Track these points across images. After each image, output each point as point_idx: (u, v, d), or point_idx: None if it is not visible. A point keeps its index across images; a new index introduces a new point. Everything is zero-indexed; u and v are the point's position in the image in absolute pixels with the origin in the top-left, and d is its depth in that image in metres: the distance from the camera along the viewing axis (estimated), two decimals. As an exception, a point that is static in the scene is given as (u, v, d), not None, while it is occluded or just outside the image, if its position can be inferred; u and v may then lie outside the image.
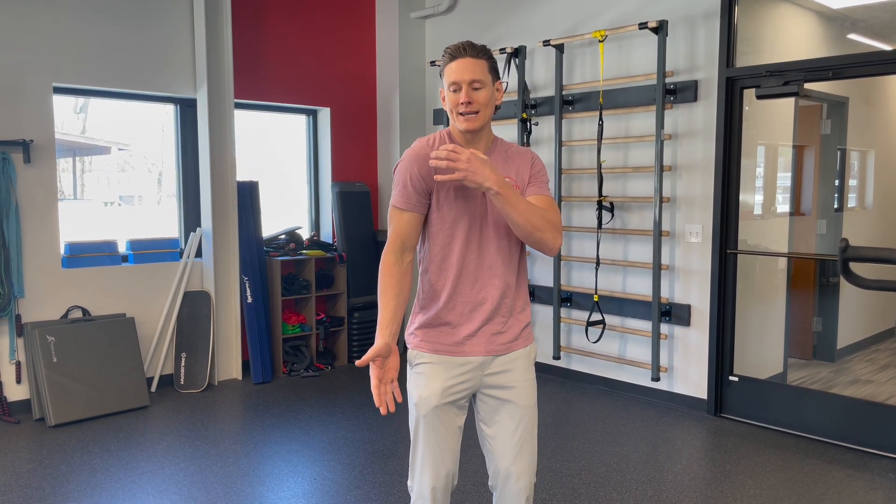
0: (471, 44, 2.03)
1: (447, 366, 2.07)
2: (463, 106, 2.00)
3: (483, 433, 2.15)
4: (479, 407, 2.16)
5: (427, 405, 2.06)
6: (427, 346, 2.09)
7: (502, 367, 2.11)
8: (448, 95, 2.03)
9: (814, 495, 3.36)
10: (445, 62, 2.03)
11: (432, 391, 2.06)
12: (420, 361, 2.09)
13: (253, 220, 5.33)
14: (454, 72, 2.00)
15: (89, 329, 4.53)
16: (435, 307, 2.08)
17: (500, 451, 2.12)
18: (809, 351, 5.57)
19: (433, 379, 2.06)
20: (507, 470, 2.11)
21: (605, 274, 5.00)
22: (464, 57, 2.01)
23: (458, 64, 2.01)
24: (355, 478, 3.55)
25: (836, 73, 3.97)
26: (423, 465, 2.09)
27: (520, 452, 2.11)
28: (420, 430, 2.09)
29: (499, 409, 2.11)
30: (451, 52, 2.02)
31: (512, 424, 2.10)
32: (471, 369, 2.08)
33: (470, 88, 1.99)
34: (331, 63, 5.92)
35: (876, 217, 5.86)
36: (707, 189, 4.48)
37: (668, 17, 4.56)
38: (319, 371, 5.53)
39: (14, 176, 4.35)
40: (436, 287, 2.08)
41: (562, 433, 4.18)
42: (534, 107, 5.33)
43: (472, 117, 2.01)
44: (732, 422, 4.39)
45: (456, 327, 2.07)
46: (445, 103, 2.07)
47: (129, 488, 3.41)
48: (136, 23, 4.84)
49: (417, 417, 2.09)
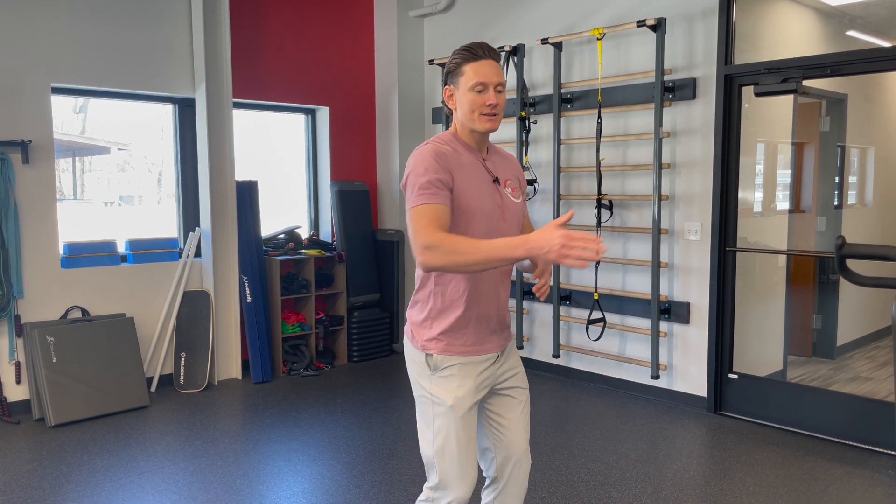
0: (490, 46, 2.03)
1: (474, 365, 2.07)
2: (490, 108, 2.00)
3: (496, 425, 2.18)
4: (493, 401, 2.18)
5: (464, 406, 2.05)
6: (454, 349, 2.06)
7: (506, 358, 2.19)
8: (468, 96, 2.00)
9: (813, 492, 3.36)
10: (465, 60, 2.01)
11: (467, 390, 2.05)
12: (448, 364, 2.05)
13: (252, 220, 5.33)
14: (480, 73, 1.99)
15: (89, 329, 4.53)
16: (456, 310, 2.05)
17: (513, 437, 2.18)
18: (809, 348, 5.57)
19: (465, 379, 2.06)
20: (520, 454, 2.19)
21: (605, 272, 5.00)
22: (488, 58, 2.01)
23: (483, 65, 2.00)
24: (355, 477, 3.55)
25: (835, 70, 3.97)
26: (463, 468, 2.05)
27: (526, 433, 2.22)
28: (453, 433, 2.03)
29: (511, 397, 2.19)
30: (474, 51, 2.01)
31: (520, 408, 2.20)
32: (490, 365, 2.12)
33: (495, 91, 2.00)
34: (329, 62, 5.92)
35: (876, 214, 5.85)
36: (706, 187, 4.47)
37: (666, 15, 4.55)
38: (319, 370, 5.53)
39: (13, 176, 4.36)
40: (456, 291, 2.05)
41: (561, 431, 4.18)
42: (532, 105, 5.33)
43: (494, 118, 2.03)
44: (732, 419, 4.39)
45: (479, 326, 2.08)
46: (456, 102, 2.04)
47: (129, 488, 3.41)
48: (134, 22, 4.84)
49: (451, 420, 2.04)
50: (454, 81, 2.05)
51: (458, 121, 2.08)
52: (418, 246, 1.86)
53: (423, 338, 2.08)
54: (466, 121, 2.04)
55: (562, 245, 1.67)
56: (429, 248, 1.84)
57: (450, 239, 1.84)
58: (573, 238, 1.67)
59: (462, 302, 2.05)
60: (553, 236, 1.68)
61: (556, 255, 1.67)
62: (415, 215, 1.91)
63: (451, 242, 1.83)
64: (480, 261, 1.79)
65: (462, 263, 1.82)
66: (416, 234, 1.88)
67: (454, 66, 2.04)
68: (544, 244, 1.69)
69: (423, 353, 2.08)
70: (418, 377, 2.11)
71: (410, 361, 2.14)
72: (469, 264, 1.81)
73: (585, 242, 1.66)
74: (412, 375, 2.14)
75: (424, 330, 2.09)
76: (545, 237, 1.70)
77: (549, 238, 1.69)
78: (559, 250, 1.67)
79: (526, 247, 1.73)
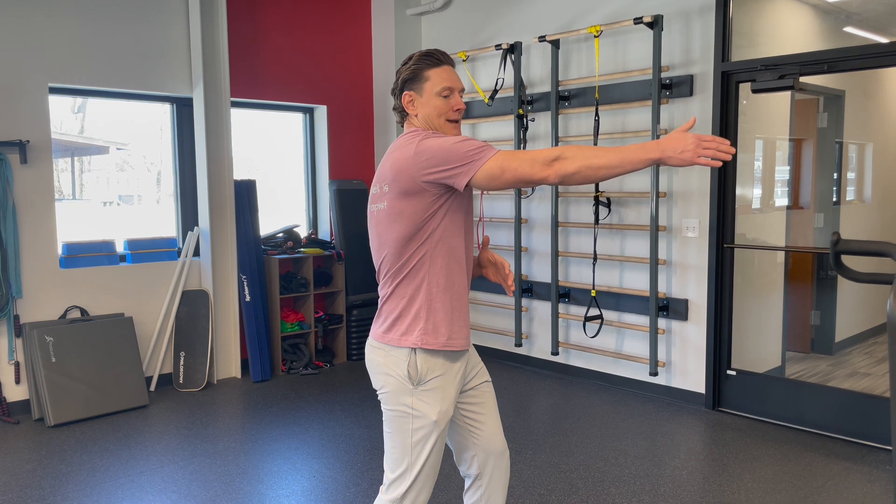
0: (446, 53, 2.07)
1: (451, 373, 2.06)
2: (457, 113, 2.02)
3: (472, 423, 2.17)
4: (465, 400, 2.17)
5: (447, 418, 2.05)
6: (436, 357, 2.02)
7: (470, 355, 2.19)
8: (435, 101, 2.01)
9: (811, 488, 3.36)
10: (428, 66, 2.02)
11: (449, 402, 2.05)
12: (431, 377, 2.01)
13: (251, 219, 5.33)
14: (446, 78, 2.01)
15: (88, 329, 4.54)
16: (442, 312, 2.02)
17: (490, 431, 2.19)
18: (807, 344, 5.57)
19: (447, 390, 2.05)
20: (499, 447, 2.20)
21: (603, 269, 5.01)
22: (449, 64, 2.04)
23: (446, 70, 2.02)
24: (354, 475, 3.56)
25: (832, 67, 3.97)
26: (427, 482, 2.06)
27: (500, 425, 2.23)
28: (430, 446, 2.02)
29: (481, 393, 2.20)
30: (436, 56, 2.02)
31: (491, 402, 2.22)
32: (462, 366, 2.11)
33: (459, 95, 2.03)
34: (327, 60, 5.92)
35: (875, 210, 5.85)
36: (703, 184, 4.48)
37: (663, 12, 4.55)
38: (318, 369, 5.53)
39: (11, 177, 4.36)
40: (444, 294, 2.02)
41: (560, 428, 4.19)
42: (530, 103, 5.33)
43: (458, 124, 2.07)
44: (730, 416, 4.40)
45: (460, 320, 2.07)
46: (418, 107, 2.03)
47: (129, 487, 3.42)
48: (131, 22, 4.84)
49: (432, 433, 2.02)
50: (415, 87, 2.04)
51: (419, 125, 2.06)
52: (547, 160, 1.81)
53: (407, 350, 2.01)
54: (431, 126, 2.04)
55: (696, 144, 1.73)
56: (559, 159, 1.81)
57: (570, 147, 1.84)
58: (706, 139, 1.73)
59: (448, 296, 2.03)
60: (686, 138, 1.75)
61: (692, 153, 1.73)
62: (504, 154, 1.86)
63: (575, 148, 1.83)
64: (615, 163, 1.79)
65: (598, 166, 1.79)
66: (531, 157, 1.83)
67: (415, 72, 2.03)
68: (678, 145, 1.75)
69: (406, 362, 2.00)
70: (397, 394, 2.02)
71: (384, 375, 2.04)
72: (604, 166, 1.79)
73: (718, 143, 1.73)
74: (388, 390, 2.04)
75: (406, 340, 2.01)
76: (679, 138, 1.75)
77: (683, 139, 1.75)
78: (695, 149, 1.73)
79: (660, 147, 1.77)
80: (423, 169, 1.90)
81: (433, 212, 1.96)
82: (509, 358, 5.68)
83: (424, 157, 1.90)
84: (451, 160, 1.87)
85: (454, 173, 1.88)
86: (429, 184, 1.92)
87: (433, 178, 1.90)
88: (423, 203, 1.95)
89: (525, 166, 1.83)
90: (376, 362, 2.07)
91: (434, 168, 1.89)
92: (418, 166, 1.90)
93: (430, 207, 1.95)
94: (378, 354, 2.06)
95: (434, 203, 1.95)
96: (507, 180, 1.85)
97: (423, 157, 1.90)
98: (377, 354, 2.07)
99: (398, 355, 2.02)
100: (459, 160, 1.86)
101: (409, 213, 1.96)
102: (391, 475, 2.06)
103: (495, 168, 1.84)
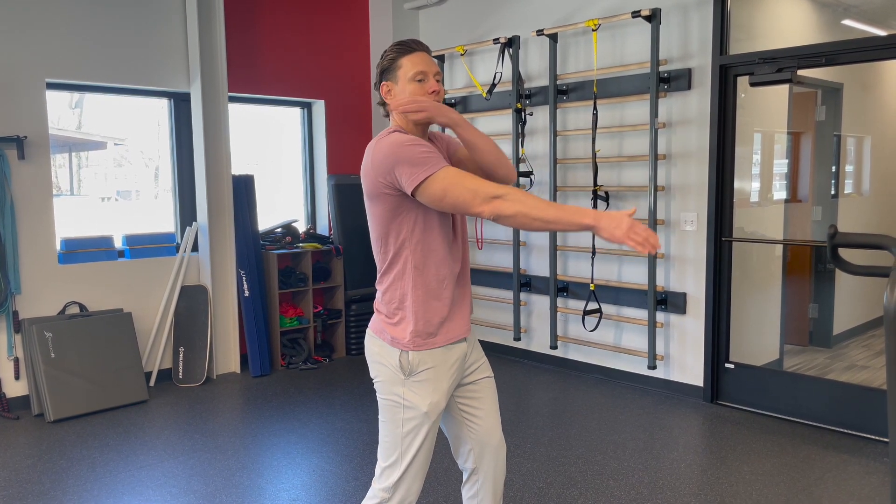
0: (420, 41, 2.07)
1: (445, 366, 2.06)
2: (433, 95, 2.03)
3: (470, 417, 2.18)
4: (464, 394, 2.18)
5: (438, 410, 2.05)
6: (428, 346, 2.03)
7: (472, 349, 2.18)
8: (409, 87, 2.02)
9: (809, 480, 3.38)
10: (400, 54, 2.03)
11: (441, 394, 2.06)
12: (422, 368, 2.02)
13: (249, 214, 5.33)
14: (418, 63, 2.02)
15: (87, 324, 4.54)
16: (429, 299, 2.03)
17: (488, 426, 2.19)
18: (806, 337, 5.59)
19: (439, 382, 2.05)
20: (496, 441, 2.20)
21: (601, 263, 5.01)
22: (422, 51, 2.05)
23: (419, 56, 2.03)
24: (353, 469, 3.57)
25: (830, 60, 3.97)
26: (418, 472, 2.08)
27: (499, 420, 2.23)
28: (422, 437, 2.04)
29: (481, 388, 2.19)
30: (408, 45, 2.04)
31: (490, 397, 2.21)
32: (459, 357, 2.10)
33: (434, 79, 2.04)
34: (325, 55, 5.91)
35: (873, 203, 5.86)
36: (701, 177, 4.48)
37: (661, 5, 4.55)
38: (317, 363, 5.54)
39: (8, 172, 4.35)
40: (437, 276, 2.04)
41: (559, 422, 4.20)
42: (528, 97, 5.32)
43: None
44: (729, 409, 4.41)
45: (457, 310, 2.08)
46: (395, 96, 2.04)
47: (129, 482, 3.43)
48: (128, 17, 4.83)
49: (422, 425, 2.03)
50: (391, 77, 2.05)
51: (399, 115, 2.07)
52: (487, 196, 1.84)
53: (398, 340, 2.03)
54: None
55: (629, 228, 1.77)
56: (500, 197, 1.84)
57: (516, 190, 1.86)
58: (639, 229, 1.79)
59: (443, 287, 2.04)
60: (623, 220, 1.78)
61: (623, 234, 1.77)
62: (451, 175, 1.88)
63: (520, 192, 1.85)
64: (552, 218, 1.82)
65: (534, 217, 1.82)
66: (474, 188, 1.85)
67: (390, 62, 2.04)
68: (613, 223, 1.79)
69: (398, 354, 2.02)
70: (390, 383, 2.04)
71: (378, 364, 2.08)
72: (539, 218, 1.82)
73: (647, 236, 1.78)
74: (381, 379, 2.07)
75: (398, 329, 2.03)
76: (617, 217, 1.79)
77: (620, 220, 1.78)
78: (627, 231, 1.77)
79: (595, 217, 1.80)
80: (379, 175, 1.94)
81: (404, 212, 1.97)
82: (508, 352, 5.69)
83: (378, 160, 1.94)
84: (406, 162, 1.89)
85: (400, 176, 1.90)
86: (385, 186, 1.94)
87: (386, 180, 1.93)
88: (389, 204, 1.97)
89: (466, 195, 1.86)
90: (372, 351, 2.11)
91: (385, 172, 1.93)
92: (375, 170, 1.95)
93: (398, 208, 1.97)
94: (374, 344, 2.11)
95: (401, 204, 1.97)
96: (447, 205, 1.89)
97: (377, 159, 1.94)
98: (373, 344, 2.11)
99: (391, 347, 2.06)
100: (413, 162, 1.89)
101: (379, 215, 2.00)
102: (383, 464, 2.09)
103: (438, 191, 1.88)
